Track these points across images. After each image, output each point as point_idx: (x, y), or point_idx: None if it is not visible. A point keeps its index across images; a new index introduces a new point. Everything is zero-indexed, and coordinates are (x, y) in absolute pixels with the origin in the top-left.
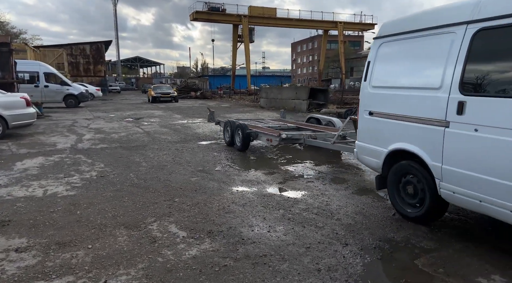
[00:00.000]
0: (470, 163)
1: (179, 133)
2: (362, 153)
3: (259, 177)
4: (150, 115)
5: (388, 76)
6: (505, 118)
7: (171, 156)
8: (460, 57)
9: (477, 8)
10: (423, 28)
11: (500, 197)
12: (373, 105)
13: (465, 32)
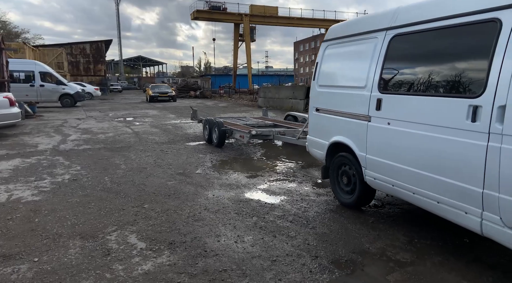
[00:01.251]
0: (385, 152)
1: (169, 134)
2: (311, 145)
3: (239, 181)
4: (144, 115)
5: (330, 76)
6: (409, 113)
7: (154, 158)
8: (379, 60)
9: (395, 16)
10: (356, 33)
11: (405, 180)
12: (319, 102)
13: (384, 38)
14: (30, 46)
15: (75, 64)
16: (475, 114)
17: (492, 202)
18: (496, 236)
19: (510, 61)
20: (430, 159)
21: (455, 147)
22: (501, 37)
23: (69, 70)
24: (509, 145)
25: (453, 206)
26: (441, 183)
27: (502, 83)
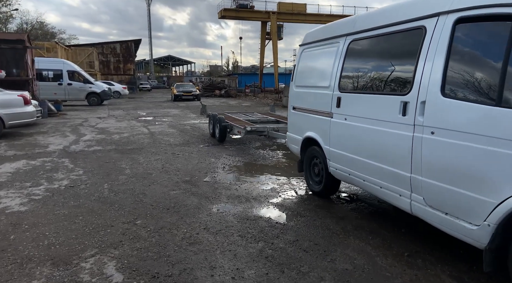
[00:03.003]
0: (342, 145)
1: (185, 135)
2: (289, 141)
3: (250, 192)
4: (166, 114)
5: (304, 77)
6: (359, 109)
7: (163, 162)
8: (340, 62)
9: (354, 23)
10: (325, 38)
11: (357, 169)
12: (295, 101)
13: (345, 42)
14: (62, 45)
15: (105, 64)
16: (405, 109)
17: (417, 184)
18: (421, 214)
19: (429, 62)
20: (374, 149)
21: (392, 138)
22: (424, 42)
23: (100, 69)
24: (428, 135)
25: (391, 190)
26: (382, 170)
27: (424, 82)
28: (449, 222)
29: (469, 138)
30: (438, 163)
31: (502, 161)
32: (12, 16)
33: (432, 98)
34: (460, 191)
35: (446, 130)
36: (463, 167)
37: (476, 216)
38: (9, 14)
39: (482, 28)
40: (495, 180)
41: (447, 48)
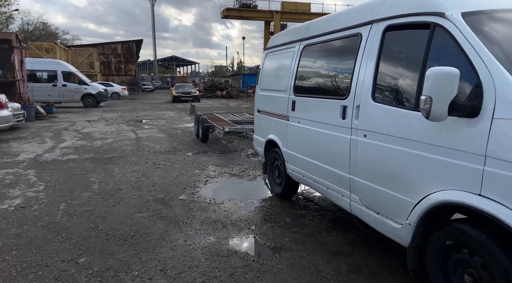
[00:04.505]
0: (296, 147)
1: (173, 141)
2: (255, 143)
3: (231, 214)
4: (160, 116)
5: (267, 81)
6: (309, 112)
7: (139, 174)
8: (295, 66)
9: (307, 29)
10: (285, 43)
11: (308, 170)
12: (260, 104)
13: (299, 47)
14: (61, 46)
15: (106, 64)
16: (344, 113)
17: (355, 185)
18: (358, 214)
19: (363, 68)
20: (321, 151)
21: (334, 140)
22: (360, 48)
23: (101, 70)
24: (362, 137)
25: (335, 191)
26: (328, 171)
27: (359, 87)
28: (380, 221)
29: (393, 141)
30: (369, 164)
31: (418, 162)
32: (12, 17)
33: (365, 102)
34: (387, 191)
35: (376, 133)
36: (389, 168)
37: (400, 215)
38: (9, 15)
39: (405, 36)
40: (413, 181)
41: (377, 55)
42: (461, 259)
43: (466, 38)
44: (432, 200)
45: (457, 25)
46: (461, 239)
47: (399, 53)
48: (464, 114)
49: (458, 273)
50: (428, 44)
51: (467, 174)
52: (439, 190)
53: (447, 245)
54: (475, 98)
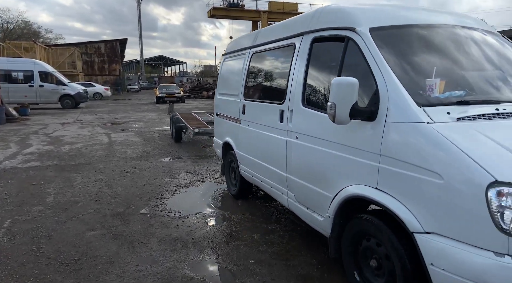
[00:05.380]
0: (247, 149)
1: (148, 146)
2: (215, 145)
3: (195, 231)
4: (140, 118)
5: (224, 85)
6: (255, 115)
7: (102, 184)
8: (245, 72)
9: (256, 37)
10: (238, 49)
11: (256, 170)
12: (218, 108)
13: (249, 54)
14: (41, 45)
15: (89, 64)
16: (282, 116)
17: (290, 183)
18: (294, 209)
19: (296, 75)
20: (265, 152)
21: (275, 142)
22: (294, 57)
23: (83, 70)
24: (294, 139)
25: (276, 188)
26: (270, 171)
27: (292, 92)
28: (309, 216)
29: (315, 142)
30: (300, 164)
31: (333, 160)
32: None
33: (296, 107)
34: (313, 187)
35: (304, 135)
36: (313, 167)
37: (322, 209)
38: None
39: (327, 47)
40: (331, 177)
41: (306, 63)
42: (368, 248)
43: (370, 50)
44: (343, 193)
45: (364, 39)
46: (367, 229)
47: (323, 62)
48: (365, 118)
49: (365, 260)
50: (343, 55)
51: (368, 170)
52: (348, 185)
53: (357, 235)
54: (373, 104)
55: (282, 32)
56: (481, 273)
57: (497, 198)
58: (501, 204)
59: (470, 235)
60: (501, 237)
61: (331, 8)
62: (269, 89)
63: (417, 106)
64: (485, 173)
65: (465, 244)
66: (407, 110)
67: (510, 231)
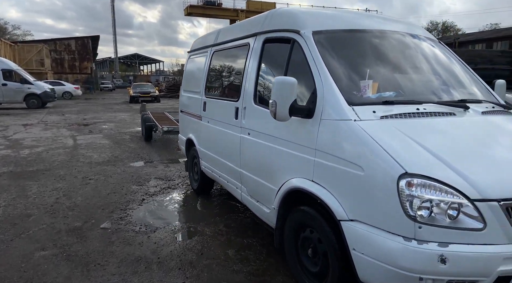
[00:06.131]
0: (206, 145)
1: (117, 149)
2: (179, 142)
3: (161, 248)
4: (110, 119)
5: (188, 82)
6: (214, 112)
7: (61, 193)
8: (206, 70)
9: (217, 36)
10: (201, 47)
11: (214, 166)
12: (182, 105)
13: (211, 52)
14: (6, 42)
15: (59, 61)
16: (237, 113)
17: (243, 177)
18: (246, 203)
19: (250, 74)
20: (222, 148)
21: (230, 138)
22: (248, 56)
23: (52, 68)
24: (246, 135)
25: (232, 183)
26: (226, 166)
27: (246, 90)
28: (259, 208)
29: (264, 137)
30: (251, 158)
31: (278, 155)
32: None
33: (249, 104)
34: (262, 181)
35: (255, 131)
36: (262, 161)
37: (269, 201)
38: None
39: (277, 48)
40: (276, 171)
41: (258, 62)
42: (307, 238)
43: (311, 52)
44: (285, 186)
45: (306, 41)
46: (305, 220)
47: (272, 62)
48: (304, 116)
49: (304, 250)
50: (289, 56)
51: (306, 164)
52: (290, 178)
53: (297, 226)
54: (311, 103)
55: (239, 32)
56: (393, 256)
57: (407, 188)
58: (410, 193)
59: (385, 222)
60: (409, 223)
61: (282, 11)
62: (226, 87)
63: (347, 105)
64: (397, 165)
65: (381, 230)
66: (338, 109)
67: (416, 218)
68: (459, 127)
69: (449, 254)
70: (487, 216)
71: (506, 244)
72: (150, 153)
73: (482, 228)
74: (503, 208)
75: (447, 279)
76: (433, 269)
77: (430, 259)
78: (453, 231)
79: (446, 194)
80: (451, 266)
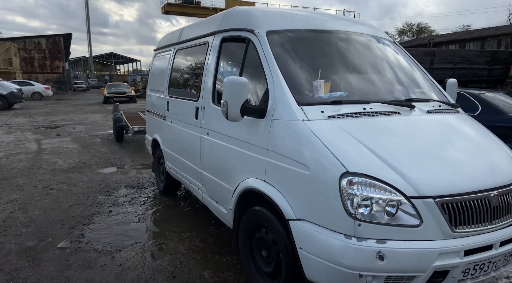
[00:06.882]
0: (170, 145)
1: (86, 153)
2: (146, 142)
3: (126, 271)
4: (81, 121)
5: (153, 82)
6: (176, 112)
7: (16, 206)
8: (169, 69)
9: (180, 34)
10: (165, 46)
11: (177, 166)
12: (148, 104)
13: (174, 50)
14: None
15: (29, 61)
16: (197, 113)
17: (203, 178)
18: (207, 204)
19: (208, 73)
20: (184, 148)
21: (192, 138)
22: (207, 56)
23: (21, 67)
24: (206, 135)
25: (194, 184)
26: (189, 167)
27: (205, 90)
28: (218, 209)
29: (221, 138)
30: (210, 159)
31: (234, 155)
32: None
33: (208, 104)
34: (220, 182)
35: (213, 132)
36: (220, 161)
37: (227, 202)
38: None
39: (233, 47)
40: (233, 171)
41: (216, 62)
42: (261, 238)
43: (264, 52)
44: (241, 186)
45: (260, 41)
46: (259, 220)
47: (229, 62)
48: (257, 116)
49: (259, 249)
50: (244, 55)
51: (259, 164)
52: (245, 178)
53: (251, 226)
54: (263, 103)
55: (200, 30)
56: (335, 254)
57: (348, 186)
58: (351, 192)
59: (328, 220)
60: (349, 221)
61: (238, 10)
62: (188, 86)
63: (297, 105)
64: (339, 164)
65: (325, 228)
66: (288, 109)
67: (356, 215)
68: (402, 127)
69: (387, 251)
70: (423, 213)
71: (441, 240)
72: (122, 157)
73: (419, 225)
74: (439, 205)
75: (385, 275)
76: (371, 265)
77: (368, 256)
78: (391, 228)
79: (385, 192)
80: (388, 262)
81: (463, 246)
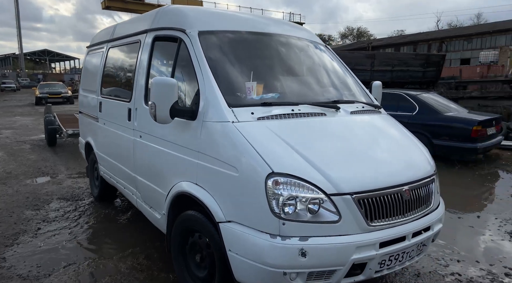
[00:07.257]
0: (104, 148)
1: (13, 161)
2: (80, 146)
3: None
4: (8, 125)
5: (85, 81)
6: (109, 113)
7: None
8: (102, 67)
9: (113, 31)
10: (97, 43)
11: (111, 170)
12: (81, 105)
13: (106, 48)
14: None
15: None
16: (129, 115)
17: (137, 182)
18: (141, 209)
19: (140, 73)
20: (118, 151)
21: (125, 141)
22: (139, 54)
23: None
24: (138, 138)
25: (128, 189)
26: (122, 171)
27: (137, 90)
28: (151, 214)
29: (154, 140)
30: (143, 162)
31: (166, 158)
32: None
33: (140, 106)
34: (153, 186)
35: (146, 134)
36: (152, 165)
37: (160, 207)
38: None
39: (165, 46)
40: (166, 175)
41: (148, 61)
42: (195, 243)
43: (195, 52)
44: (173, 190)
45: (192, 41)
46: (192, 225)
47: (162, 61)
48: (188, 118)
49: (192, 254)
50: (176, 55)
51: (191, 166)
52: (178, 182)
53: (184, 231)
54: (194, 104)
55: (133, 27)
56: (261, 254)
57: (274, 186)
58: (276, 192)
59: (256, 221)
60: (274, 220)
61: (171, 8)
62: (120, 86)
63: (227, 107)
64: (265, 165)
65: (253, 229)
66: (218, 110)
67: (281, 215)
68: (327, 127)
69: (309, 247)
70: (342, 209)
71: (358, 234)
72: (54, 165)
73: (338, 220)
74: (355, 200)
75: (308, 271)
76: (295, 263)
77: (292, 254)
78: (313, 225)
79: (308, 191)
80: (310, 258)
81: (378, 238)
